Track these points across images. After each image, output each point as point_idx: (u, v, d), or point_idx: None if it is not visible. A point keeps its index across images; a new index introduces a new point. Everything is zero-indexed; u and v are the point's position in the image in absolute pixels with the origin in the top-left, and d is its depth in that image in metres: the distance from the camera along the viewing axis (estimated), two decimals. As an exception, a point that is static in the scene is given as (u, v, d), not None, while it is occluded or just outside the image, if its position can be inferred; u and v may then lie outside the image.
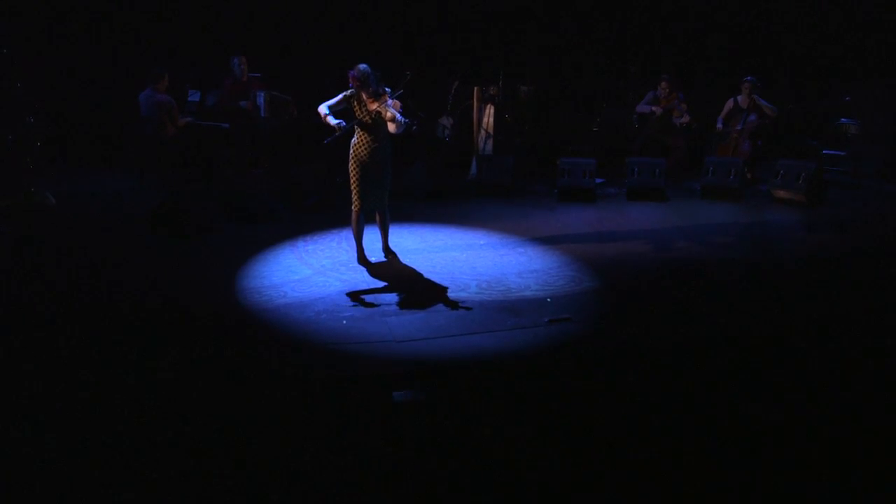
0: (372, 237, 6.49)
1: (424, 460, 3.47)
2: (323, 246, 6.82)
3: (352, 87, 5.86)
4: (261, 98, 8.78)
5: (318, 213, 7.91)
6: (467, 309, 5.31)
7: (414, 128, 5.86)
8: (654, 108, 9.48)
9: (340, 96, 5.92)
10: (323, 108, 5.90)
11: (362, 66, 5.81)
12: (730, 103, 9.33)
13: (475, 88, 9.58)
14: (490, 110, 9.67)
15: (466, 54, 10.55)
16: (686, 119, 9.42)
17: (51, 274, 6.00)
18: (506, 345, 4.75)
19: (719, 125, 9.33)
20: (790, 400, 4.06)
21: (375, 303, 5.44)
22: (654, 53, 10.78)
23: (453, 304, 5.40)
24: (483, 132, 9.67)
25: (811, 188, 8.30)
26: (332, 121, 5.83)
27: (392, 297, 5.57)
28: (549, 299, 5.52)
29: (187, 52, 9.75)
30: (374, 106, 5.85)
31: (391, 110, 5.79)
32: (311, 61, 9.95)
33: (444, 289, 5.72)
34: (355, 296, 5.56)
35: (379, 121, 5.91)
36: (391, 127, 5.85)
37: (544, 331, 4.96)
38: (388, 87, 5.92)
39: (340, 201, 7.52)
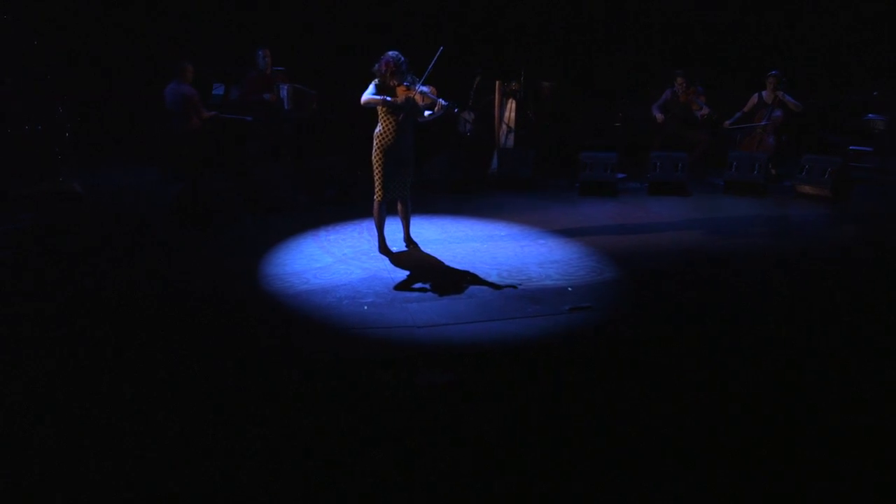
0: (393, 227, 6.52)
1: (444, 443, 3.48)
2: (344, 235, 6.87)
3: (379, 72, 5.83)
4: (284, 91, 8.85)
5: (340, 203, 7.96)
6: (488, 297, 5.32)
7: (455, 110, 5.84)
8: (657, 115, 9.40)
9: (373, 86, 5.87)
10: (371, 96, 5.80)
11: (393, 53, 5.81)
12: (754, 98, 9.24)
13: (497, 83, 9.59)
14: (512, 105, 9.67)
15: (489, 49, 10.55)
16: (706, 111, 9.35)
17: (75, 261, 6.11)
18: (526, 331, 4.75)
19: (727, 123, 9.24)
20: (809, 391, 4.02)
21: (396, 290, 5.47)
22: (675, 48, 10.70)
23: (474, 292, 5.41)
24: (504, 126, 9.67)
25: (837, 183, 8.19)
26: (390, 99, 5.77)
27: (413, 285, 5.59)
28: (569, 288, 5.51)
29: (212, 45, 9.86)
30: (403, 93, 5.84)
31: (430, 95, 5.78)
32: (334, 56, 10.02)
33: (465, 277, 5.73)
34: (377, 283, 5.59)
35: (406, 110, 5.90)
36: (429, 111, 5.84)
37: (565, 318, 4.96)
38: (414, 76, 5.92)
39: (362, 192, 7.57)
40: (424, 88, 5.80)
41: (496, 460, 3.34)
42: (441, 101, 5.76)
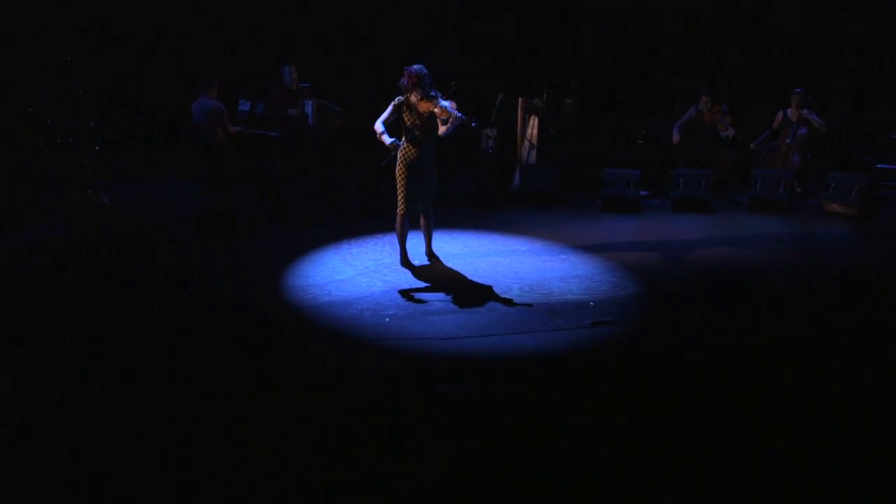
0: (415, 241, 6.54)
1: (462, 455, 3.47)
2: (367, 249, 6.90)
3: (404, 85, 5.89)
4: (309, 106, 8.97)
5: (363, 218, 8.02)
6: (510, 310, 5.32)
7: (473, 124, 5.89)
8: (675, 136, 9.35)
9: (391, 107, 5.95)
10: (379, 126, 5.90)
11: (417, 66, 5.88)
12: (779, 116, 9.19)
13: (520, 100, 9.64)
14: (534, 122, 9.70)
15: (512, 66, 10.62)
16: (731, 133, 9.29)
17: (101, 270, 6.21)
18: (548, 345, 4.74)
19: (753, 145, 9.18)
20: (835, 407, 3.96)
21: (418, 302, 5.49)
22: (702, 66, 10.68)
23: (496, 306, 5.42)
24: (527, 143, 9.70)
25: (864, 201, 8.09)
26: (387, 140, 5.86)
27: (435, 298, 5.60)
28: (591, 303, 5.49)
29: (238, 62, 10.04)
30: (426, 107, 5.91)
31: (448, 109, 5.84)
32: (359, 73, 10.15)
33: (487, 291, 5.73)
34: (398, 295, 5.62)
35: (429, 125, 5.97)
36: (442, 129, 5.91)
37: (587, 333, 4.94)
38: (437, 91, 5.98)
39: (384, 207, 7.62)
40: (445, 103, 5.87)
41: (514, 473, 3.32)
42: (455, 114, 5.82)
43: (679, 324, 5.16)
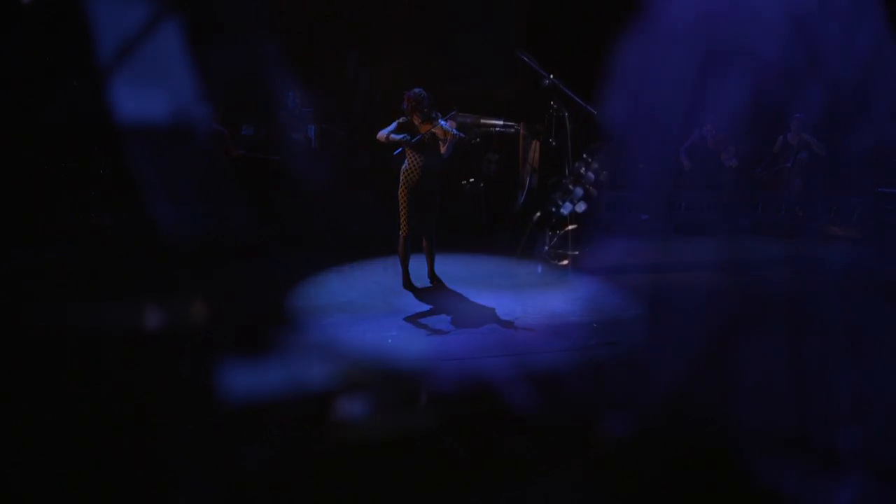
0: (418, 264, 6.54)
1: (465, 473, 3.45)
2: (369, 271, 6.91)
3: (405, 109, 5.99)
4: (311, 130, 9.05)
5: (365, 240, 8.03)
6: (512, 331, 5.31)
7: (475, 140, 5.94)
8: (684, 162, 9.41)
9: (395, 124, 6.04)
10: (383, 132, 6.02)
11: (417, 90, 5.96)
12: (780, 140, 9.25)
13: (521, 123, 9.71)
14: (536, 146, 9.76)
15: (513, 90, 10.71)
16: (734, 163, 9.34)
17: (103, 291, 6.21)
18: (550, 365, 4.72)
19: (758, 170, 9.23)
20: (837, 432, 3.93)
21: (420, 324, 5.48)
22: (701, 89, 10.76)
23: (498, 327, 5.40)
24: (528, 167, 9.75)
25: (866, 224, 8.10)
26: (396, 137, 5.94)
27: (437, 319, 5.59)
28: (594, 324, 5.48)
29: (243, 87, 10.13)
30: (427, 128, 5.97)
31: (445, 126, 5.90)
32: (362, 97, 10.24)
33: (489, 312, 5.72)
34: (400, 317, 5.60)
35: (431, 146, 6.02)
36: (443, 147, 5.96)
37: (590, 353, 4.92)
38: (438, 112, 6.05)
39: (386, 230, 7.63)
40: (444, 123, 5.93)
41: (518, 493, 3.29)
42: (453, 132, 5.88)
43: (680, 345, 5.14)
